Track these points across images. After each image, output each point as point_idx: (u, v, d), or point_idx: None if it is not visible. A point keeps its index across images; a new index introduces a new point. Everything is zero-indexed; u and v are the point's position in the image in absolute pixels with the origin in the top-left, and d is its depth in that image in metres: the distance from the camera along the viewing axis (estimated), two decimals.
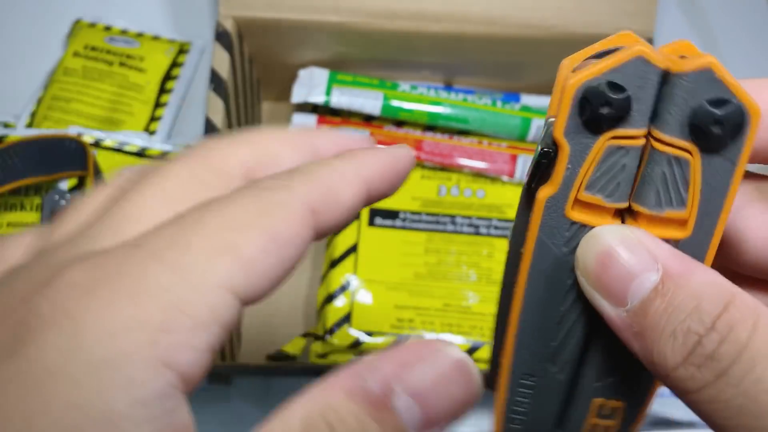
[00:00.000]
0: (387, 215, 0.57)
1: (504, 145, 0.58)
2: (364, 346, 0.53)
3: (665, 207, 0.20)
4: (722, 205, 0.20)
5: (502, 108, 0.57)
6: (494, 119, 0.56)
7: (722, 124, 0.18)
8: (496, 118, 0.56)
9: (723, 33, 0.73)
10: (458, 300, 0.54)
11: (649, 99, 0.19)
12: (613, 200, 0.20)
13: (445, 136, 0.57)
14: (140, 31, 0.69)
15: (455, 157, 0.57)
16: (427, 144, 0.57)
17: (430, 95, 0.57)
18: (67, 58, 0.65)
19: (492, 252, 0.56)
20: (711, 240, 0.20)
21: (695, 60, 0.18)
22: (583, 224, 0.20)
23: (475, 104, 0.56)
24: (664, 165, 0.19)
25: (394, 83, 0.58)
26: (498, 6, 0.52)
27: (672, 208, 0.20)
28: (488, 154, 0.57)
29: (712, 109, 0.18)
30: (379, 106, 0.56)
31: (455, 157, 0.57)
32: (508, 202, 0.58)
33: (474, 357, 0.53)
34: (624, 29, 0.38)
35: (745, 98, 0.18)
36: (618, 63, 0.19)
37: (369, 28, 0.53)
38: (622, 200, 0.20)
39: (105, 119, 0.63)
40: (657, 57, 0.19)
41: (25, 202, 0.58)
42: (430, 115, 0.56)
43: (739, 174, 0.19)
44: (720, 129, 0.18)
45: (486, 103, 0.57)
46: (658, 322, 0.19)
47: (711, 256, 0.20)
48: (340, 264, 0.55)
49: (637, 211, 0.20)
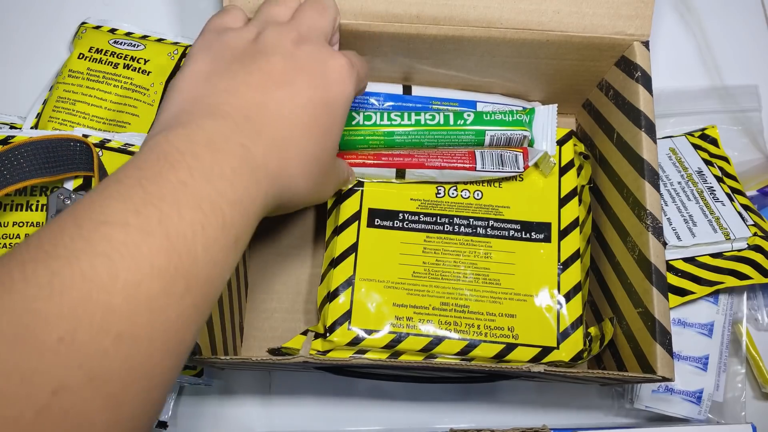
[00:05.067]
0: (386, 216, 0.58)
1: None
2: (363, 343, 0.54)
3: None
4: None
5: (454, 125, 0.57)
6: (448, 138, 0.57)
7: None
8: (449, 136, 0.57)
9: (718, 37, 0.73)
10: (456, 299, 0.55)
11: None
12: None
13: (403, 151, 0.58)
14: (145, 34, 0.70)
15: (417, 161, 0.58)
16: (385, 155, 0.57)
17: (384, 123, 0.57)
18: (73, 60, 0.66)
19: (489, 252, 0.56)
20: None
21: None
22: None
23: (428, 125, 0.57)
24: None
25: (350, 116, 0.57)
26: (496, 10, 0.53)
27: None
28: (448, 154, 0.57)
29: None
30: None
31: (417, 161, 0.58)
32: (505, 203, 0.59)
33: (471, 355, 0.54)
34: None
35: None
36: None
37: (370, 30, 0.54)
38: None
39: (110, 120, 0.63)
40: None
41: (31, 201, 0.59)
42: (387, 141, 0.57)
43: None
44: None
45: (439, 122, 0.57)
46: None
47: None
48: (340, 263, 0.56)
49: None
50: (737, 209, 0.60)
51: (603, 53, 0.55)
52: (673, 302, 0.57)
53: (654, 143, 0.51)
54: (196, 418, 0.59)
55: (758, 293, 0.62)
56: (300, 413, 0.60)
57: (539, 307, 0.55)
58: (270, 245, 0.62)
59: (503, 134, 0.57)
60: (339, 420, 0.60)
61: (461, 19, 0.53)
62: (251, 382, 0.60)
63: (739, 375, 0.60)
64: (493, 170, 0.57)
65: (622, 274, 0.53)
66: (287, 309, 0.61)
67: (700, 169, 0.63)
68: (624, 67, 0.55)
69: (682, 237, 0.58)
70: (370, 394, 0.60)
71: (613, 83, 0.57)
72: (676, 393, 0.57)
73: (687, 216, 0.60)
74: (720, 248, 0.58)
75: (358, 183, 0.59)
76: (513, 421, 0.60)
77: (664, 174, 0.63)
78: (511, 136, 0.57)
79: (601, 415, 0.60)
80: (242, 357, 0.45)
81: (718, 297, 0.59)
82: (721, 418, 0.58)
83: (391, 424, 0.60)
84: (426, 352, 0.54)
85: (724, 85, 0.71)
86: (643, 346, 0.48)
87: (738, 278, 0.57)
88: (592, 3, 0.53)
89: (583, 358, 0.54)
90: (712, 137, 0.66)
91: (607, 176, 0.57)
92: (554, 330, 0.54)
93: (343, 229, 0.57)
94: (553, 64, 0.57)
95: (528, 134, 0.57)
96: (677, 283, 0.57)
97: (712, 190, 0.61)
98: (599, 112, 0.60)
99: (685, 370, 0.58)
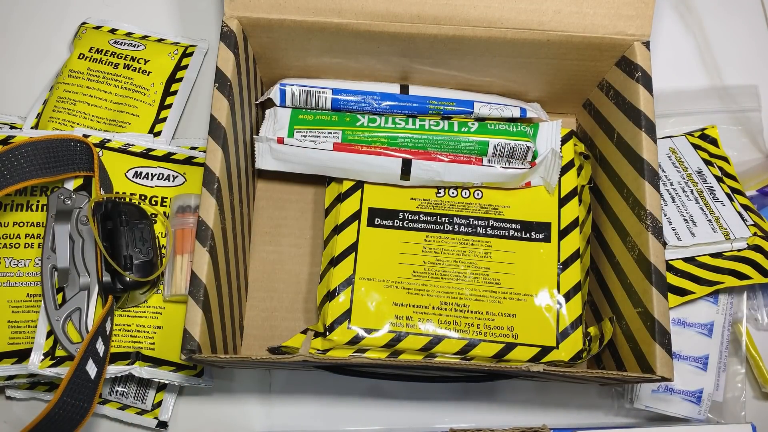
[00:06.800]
0: (386, 215, 0.58)
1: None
2: (363, 342, 0.54)
3: None
4: None
5: (458, 131, 0.57)
6: (451, 145, 0.57)
7: None
8: (452, 143, 0.57)
9: (718, 37, 0.73)
10: (455, 298, 0.55)
11: None
12: None
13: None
14: (145, 34, 0.70)
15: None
16: (390, 149, 0.58)
17: (388, 126, 0.58)
18: (73, 60, 0.66)
19: (489, 252, 0.56)
20: None
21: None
22: None
23: (432, 131, 0.57)
24: None
25: (354, 117, 0.58)
26: (497, 9, 0.53)
27: None
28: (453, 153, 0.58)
29: None
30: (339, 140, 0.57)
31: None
32: (505, 203, 0.59)
33: (470, 354, 0.54)
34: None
35: None
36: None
37: (370, 30, 0.54)
38: None
39: (110, 121, 0.63)
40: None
41: (31, 202, 0.59)
42: (390, 144, 0.57)
43: None
44: None
45: (443, 129, 0.57)
46: None
47: None
48: (340, 262, 0.56)
49: None
50: (737, 209, 0.60)
51: (603, 53, 0.55)
52: (673, 302, 0.57)
53: (654, 143, 0.51)
54: (196, 418, 0.59)
55: (758, 293, 0.62)
56: (300, 413, 0.60)
57: (539, 306, 0.55)
58: (270, 244, 0.62)
59: (507, 144, 0.57)
60: (339, 419, 0.60)
61: (462, 18, 0.53)
62: (251, 382, 0.60)
63: (739, 375, 0.60)
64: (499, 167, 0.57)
65: (622, 274, 0.53)
66: (287, 308, 0.61)
67: (699, 169, 0.63)
68: (624, 67, 0.55)
69: (682, 237, 0.58)
70: (370, 393, 0.60)
71: (614, 83, 0.57)
72: (675, 393, 0.57)
73: (687, 216, 0.60)
74: (720, 248, 0.58)
75: (358, 183, 0.59)
76: (513, 420, 0.60)
77: (664, 174, 0.63)
78: (515, 146, 0.57)
79: (601, 415, 0.60)
80: (242, 356, 0.45)
81: (717, 297, 0.59)
82: (721, 417, 0.58)
83: (391, 424, 0.60)
84: (425, 351, 0.54)
85: (724, 85, 0.71)
86: (642, 345, 0.48)
87: (738, 278, 0.57)
88: (592, 3, 0.53)
89: (583, 357, 0.54)
90: (712, 137, 0.66)
91: (607, 176, 0.57)
92: (554, 330, 0.54)
93: (344, 228, 0.57)
94: (553, 64, 0.58)
95: (532, 145, 0.57)
96: (677, 283, 0.57)
97: (711, 190, 0.61)
98: (599, 112, 0.60)
99: (685, 369, 0.58)
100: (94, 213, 0.55)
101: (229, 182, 0.52)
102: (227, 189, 0.52)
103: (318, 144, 0.56)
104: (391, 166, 0.57)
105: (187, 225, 0.58)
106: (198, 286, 0.47)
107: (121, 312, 0.57)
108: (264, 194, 0.64)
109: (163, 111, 0.65)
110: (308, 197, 0.64)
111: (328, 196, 0.61)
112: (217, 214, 0.49)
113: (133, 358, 0.55)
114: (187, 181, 0.61)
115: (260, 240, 0.63)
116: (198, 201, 0.58)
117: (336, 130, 0.57)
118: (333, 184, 0.61)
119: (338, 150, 0.56)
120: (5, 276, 0.56)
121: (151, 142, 0.62)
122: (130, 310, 0.57)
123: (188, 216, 0.58)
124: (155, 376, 0.55)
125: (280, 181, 0.65)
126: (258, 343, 0.60)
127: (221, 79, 0.51)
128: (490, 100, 0.60)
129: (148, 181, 0.60)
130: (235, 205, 0.55)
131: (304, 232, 0.63)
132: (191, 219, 0.58)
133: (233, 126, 0.53)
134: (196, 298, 0.47)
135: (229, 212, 0.52)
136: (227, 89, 0.51)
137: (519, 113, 0.60)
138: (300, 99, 0.59)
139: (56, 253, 0.55)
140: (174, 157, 0.62)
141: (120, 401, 0.58)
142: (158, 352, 0.56)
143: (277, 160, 0.58)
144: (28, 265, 0.57)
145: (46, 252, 0.55)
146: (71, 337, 0.54)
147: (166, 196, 0.60)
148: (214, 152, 0.50)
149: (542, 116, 0.61)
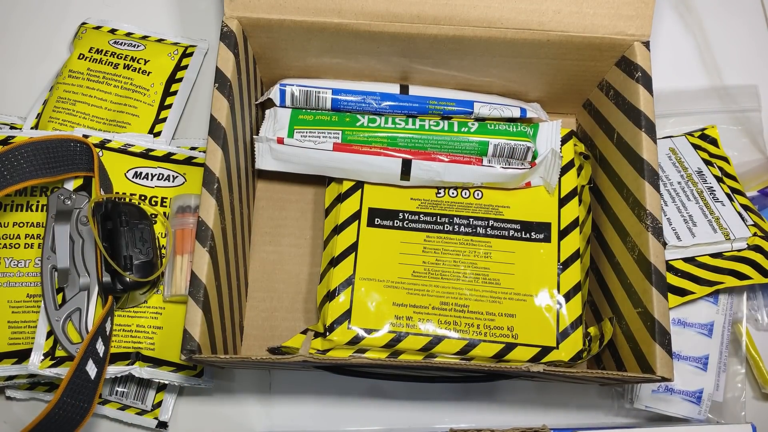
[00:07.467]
0: (386, 215, 0.58)
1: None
2: (363, 342, 0.54)
3: None
4: None
5: (458, 132, 0.57)
6: (451, 145, 0.57)
7: None
8: (452, 143, 0.57)
9: (718, 37, 0.73)
10: (455, 299, 0.55)
11: None
12: None
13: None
14: (145, 34, 0.70)
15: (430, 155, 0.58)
16: (390, 149, 0.58)
17: (387, 126, 0.57)
18: (73, 60, 0.66)
19: (489, 252, 0.56)
20: None
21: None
22: None
23: (432, 131, 0.57)
24: None
25: (354, 117, 0.58)
26: (497, 10, 0.53)
27: None
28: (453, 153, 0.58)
29: None
30: (339, 141, 0.57)
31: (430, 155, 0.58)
32: (505, 203, 0.59)
33: (470, 354, 0.54)
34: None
35: None
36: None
37: (370, 30, 0.54)
38: None
39: (110, 121, 0.63)
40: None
41: (31, 202, 0.59)
42: (390, 144, 0.57)
43: None
44: None
45: (443, 129, 0.57)
46: None
47: None
48: (340, 262, 0.56)
49: None
50: (737, 209, 0.60)
51: (603, 53, 0.55)
52: (673, 302, 0.57)
53: (654, 143, 0.51)
54: (196, 418, 0.59)
55: (758, 293, 0.62)
56: (300, 413, 0.60)
57: (539, 306, 0.55)
58: (270, 244, 0.62)
59: (507, 144, 0.57)
60: (339, 419, 0.60)
61: (462, 18, 0.53)
62: (251, 382, 0.60)
63: (739, 375, 0.60)
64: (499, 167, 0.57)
65: (622, 274, 0.53)
66: (287, 308, 0.61)
67: (699, 169, 0.63)
68: (624, 67, 0.55)
69: (681, 237, 0.58)
70: (370, 393, 0.60)
71: (614, 83, 0.57)
72: (676, 393, 0.57)
73: (687, 216, 0.60)
74: (720, 248, 0.58)
75: (358, 183, 0.59)
76: (513, 420, 0.60)
77: (664, 174, 0.63)
78: (514, 146, 0.57)
79: (601, 415, 0.60)
80: (242, 356, 0.45)
81: (717, 297, 0.59)
82: (721, 418, 0.58)
83: (391, 424, 0.60)
84: (425, 351, 0.54)
85: (724, 85, 0.71)
86: (642, 346, 0.48)
87: (738, 278, 0.57)
88: (592, 3, 0.53)
89: (583, 357, 0.54)
90: (712, 137, 0.66)
91: (607, 176, 0.57)
92: (554, 330, 0.54)
93: (343, 228, 0.57)
94: (553, 64, 0.58)
95: (532, 146, 0.57)
96: (677, 283, 0.57)
97: (711, 190, 0.61)
98: (599, 112, 0.60)
99: (685, 370, 0.58)
100: (94, 213, 0.55)
101: (229, 182, 0.52)
102: (227, 189, 0.52)
103: (318, 144, 0.56)
104: (391, 166, 0.57)
105: (187, 225, 0.58)
106: (198, 287, 0.47)
107: (121, 312, 0.57)
108: (264, 194, 0.64)
109: (163, 111, 0.65)
110: (308, 197, 0.64)
111: (328, 197, 0.61)
112: (217, 215, 0.49)
113: (133, 358, 0.55)
114: (187, 182, 0.61)
115: (260, 240, 0.63)
116: (198, 201, 0.58)
117: (336, 130, 0.57)
118: (333, 184, 0.61)
119: (338, 150, 0.56)
120: (5, 276, 0.56)
121: (151, 142, 0.62)
122: (130, 311, 0.57)
123: (188, 216, 0.58)
124: (155, 376, 0.55)
125: (280, 181, 0.65)
126: (258, 343, 0.60)
127: (221, 79, 0.51)
128: (490, 100, 0.60)
129: (148, 182, 0.60)
130: (235, 205, 0.55)
131: (304, 232, 0.63)
132: (191, 219, 0.58)
133: (233, 126, 0.53)
134: (196, 299, 0.47)
135: (229, 212, 0.52)
136: (227, 89, 0.51)
137: (519, 113, 0.60)
138: (300, 99, 0.59)
139: (56, 253, 0.55)
140: (174, 157, 0.62)
141: (120, 401, 0.58)
142: (158, 353, 0.56)
143: (277, 161, 0.58)
144: (28, 265, 0.57)
145: (46, 252, 0.55)
146: (71, 338, 0.54)
147: (166, 197, 0.60)
148: (214, 152, 0.50)
149: (542, 116, 0.61)
